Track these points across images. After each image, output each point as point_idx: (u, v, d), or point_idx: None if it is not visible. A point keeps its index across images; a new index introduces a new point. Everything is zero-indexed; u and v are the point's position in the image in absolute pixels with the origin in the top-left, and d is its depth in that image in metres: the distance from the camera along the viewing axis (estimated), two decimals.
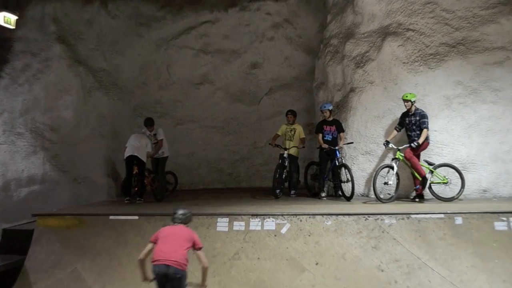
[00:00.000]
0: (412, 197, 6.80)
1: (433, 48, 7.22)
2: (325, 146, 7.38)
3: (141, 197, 7.62)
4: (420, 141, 6.57)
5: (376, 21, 7.66)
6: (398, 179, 6.67)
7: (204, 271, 4.04)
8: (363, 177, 7.38)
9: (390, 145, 6.77)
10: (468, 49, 7.10)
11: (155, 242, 4.00)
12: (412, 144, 6.59)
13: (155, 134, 8.13)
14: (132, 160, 7.48)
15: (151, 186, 7.99)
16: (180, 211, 4.16)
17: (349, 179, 6.99)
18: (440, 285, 4.61)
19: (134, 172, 7.63)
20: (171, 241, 3.91)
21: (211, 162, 10.81)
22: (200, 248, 4.01)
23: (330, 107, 7.63)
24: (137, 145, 7.57)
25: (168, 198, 8.11)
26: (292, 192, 7.97)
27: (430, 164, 6.65)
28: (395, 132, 6.95)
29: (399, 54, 7.33)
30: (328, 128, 7.55)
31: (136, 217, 5.67)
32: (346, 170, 7.07)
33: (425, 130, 6.59)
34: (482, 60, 7.03)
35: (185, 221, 4.17)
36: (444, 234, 5.02)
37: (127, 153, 7.49)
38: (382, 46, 7.47)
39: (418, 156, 6.78)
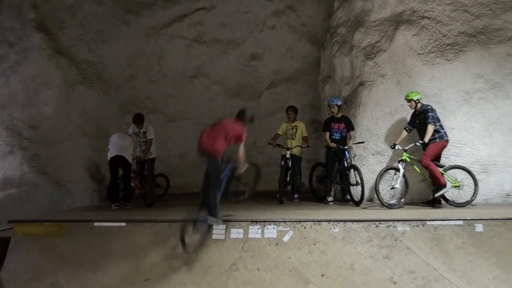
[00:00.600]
0: (425, 202, 6.78)
1: (450, 38, 7.21)
2: (333, 145, 7.36)
3: (129, 201, 7.60)
4: (426, 139, 6.55)
5: (388, 8, 7.65)
6: (406, 182, 6.65)
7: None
8: (373, 180, 7.32)
9: (397, 147, 6.74)
10: (489, 38, 7.09)
11: None
12: (417, 143, 6.59)
13: (144, 132, 8.10)
14: (118, 161, 7.46)
15: (139, 190, 7.97)
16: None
17: (359, 182, 6.97)
18: None
19: (120, 175, 7.60)
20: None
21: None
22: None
23: (339, 102, 7.62)
24: (123, 144, 7.56)
25: (159, 203, 8.08)
26: (296, 196, 7.96)
27: (440, 166, 6.61)
28: (404, 133, 6.92)
29: (413, 44, 7.32)
30: (337, 126, 7.54)
31: (124, 224, 5.64)
32: (356, 172, 7.06)
33: (429, 126, 6.53)
34: (505, 50, 7.03)
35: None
36: (463, 242, 5.00)
37: (111, 154, 7.47)
38: (394, 36, 7.46)
39: (438, 158, 6.75)
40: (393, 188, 6.59)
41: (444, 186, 6.42)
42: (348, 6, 8.37)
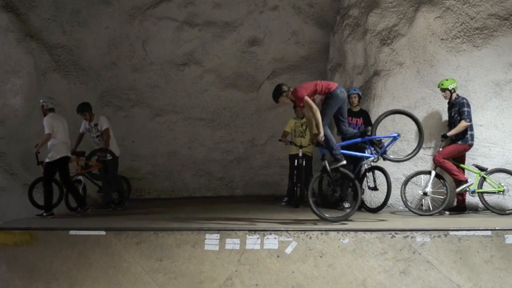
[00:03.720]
0: (450, 209, 6.85)
1: (479, 21, 7.25)
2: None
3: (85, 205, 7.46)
4: (451, 133, 6.68)
5: None
6: (445, 187, 6.69)
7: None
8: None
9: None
10: None
11: None
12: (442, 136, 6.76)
13: (96, 125, 7.97)
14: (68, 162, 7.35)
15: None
16: None
17: (375, 186, 7.00)
18: None
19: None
20: None
21: (198, 164, 10.87)
22: None
23: (360, 92, 7.68)
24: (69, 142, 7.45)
25: (137, 209, 8.11)
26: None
27: (481, 169, 6.68)
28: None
29: (436, 29, 7.36)
30: (354, 121, 7.56)
31: (103, 233, 5.67)
32: (375, 175, 7.05)
33: (463, 121, 6.62)
34: None
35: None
36: (492, 256, 5.02)
37: (64, 152, 7.23)
38: (414, 18, 7.50)
39: (462, 159, 6.81)
40: (426, 194, 6.69)
41: (465, 181, 6.57)
42: None
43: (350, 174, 6.15)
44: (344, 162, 5.96)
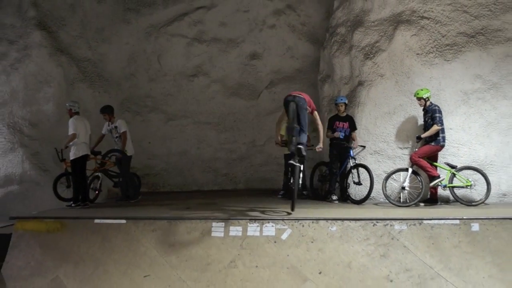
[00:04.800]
0: (425, 201, 6.86)
1: (449, 38, 7.26)
2: (337, 134, 7.39)
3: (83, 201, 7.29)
4: (425, 135, 6.72)
5: (387, 7, 7.69)
6: (420, 182, 6.72)
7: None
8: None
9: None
10: (488, 39, 7.13)
11: None
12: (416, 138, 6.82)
13: (116, 127, 7.87)
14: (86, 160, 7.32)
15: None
16: None
17: (359, 181, 7.08)
18: None
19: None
20: None
21: (205, 162, 10.86)
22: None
23: (346, 101, 7.67)
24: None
25: (156, 202, 8.12)
26: (305, 192, 8.20)
27: (452, 167, 6.71)
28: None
29: (412, 45, 7.37)
30: (341, 125, 7.57)
31: (124, 221, 5.69)
32: (359, 172, 7.11)
33: (435, 125, 6.66)
34: (504, 51, 7.06)
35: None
36: (460, 241, 5.05)
37: (85, 151, 7.24)
38: (394, 36, 7.50)
39: (435, 158, 6.86)
40: (404, 188, 6.73)
41: (438, 177, 6.63)
42: (348, 6, 8.40)
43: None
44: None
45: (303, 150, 5.74)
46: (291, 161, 5.84)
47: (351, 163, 7.27)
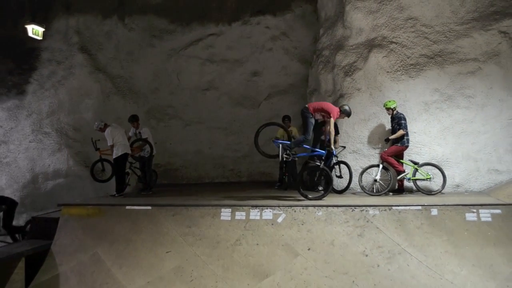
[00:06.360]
0: (393, 191, 6.87)
1: (413, 59, 7.25)
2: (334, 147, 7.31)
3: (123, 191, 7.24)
4: (392, 137, 6.77)
5: (363, 34, 7.68)
6: (389, 175, 6.72)
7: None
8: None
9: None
10: (444, 60, 7.13)
11: None
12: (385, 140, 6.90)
13: (140, 133, 7.74)
14: (127, 157, 7.24)
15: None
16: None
17: (341, 175, 7.11)
18: (417, 268, 4.68)
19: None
20: None
21: (215, 159, 10.86)
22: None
23: None
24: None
25: (176, 192, 8.13)
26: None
27: (415, 163, 6.72)
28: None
29: (383, 64, 7.37)
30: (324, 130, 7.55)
31: (149, 208, 5.71)
32: (342, 167, 7.14)
33: (401, 130, 6.68)
34: (457, 70, 7.06)
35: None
36: (421, 223, 5.07)
37: (123, 150, 7.10)
38: (368, 57, 7.50)
39: (401, 156, 6.87)
40: (376, 181, 6.73)
41: (404, 172, 6.67)
42: (331, 33, 8.41)
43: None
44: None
45: (286, 151, 6.19)
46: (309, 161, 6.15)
47: (334, 160, 7.28)
